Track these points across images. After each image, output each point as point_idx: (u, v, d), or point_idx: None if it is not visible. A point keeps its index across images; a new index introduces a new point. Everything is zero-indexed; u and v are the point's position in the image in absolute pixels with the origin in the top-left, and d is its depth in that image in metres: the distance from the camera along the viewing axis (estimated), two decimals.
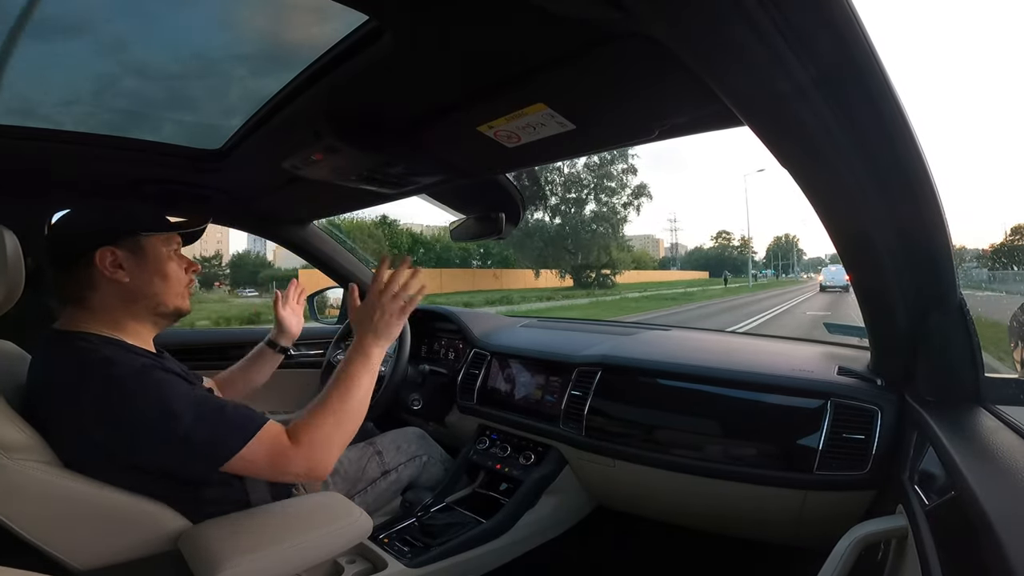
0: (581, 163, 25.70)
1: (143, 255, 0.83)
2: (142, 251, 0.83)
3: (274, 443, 0.76)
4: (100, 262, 0.79)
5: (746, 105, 0.59)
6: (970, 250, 36.61)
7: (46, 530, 0.72)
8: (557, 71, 0.68)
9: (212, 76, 0.92)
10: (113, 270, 0.80)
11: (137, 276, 0.82)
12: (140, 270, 0.82)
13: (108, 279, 0.80)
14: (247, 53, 0.86)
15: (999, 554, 0.42)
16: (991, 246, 42.95)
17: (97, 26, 0.78)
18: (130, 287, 0.81)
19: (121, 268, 0.81)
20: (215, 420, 0.74)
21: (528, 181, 11.37)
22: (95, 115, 1.03)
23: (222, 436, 0.73)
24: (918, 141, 0.59)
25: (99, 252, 0.79)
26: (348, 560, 1.06)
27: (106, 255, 0.80)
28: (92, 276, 0.80)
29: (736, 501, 1.09)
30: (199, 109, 1.06)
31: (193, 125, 1.10)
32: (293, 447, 0.77)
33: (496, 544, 1.22)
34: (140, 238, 0.83)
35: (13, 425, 0.71)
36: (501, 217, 1.36)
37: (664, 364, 1.24)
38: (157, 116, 1.06)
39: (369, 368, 0.87)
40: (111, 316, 0.81)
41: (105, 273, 0.80)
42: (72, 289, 0.81)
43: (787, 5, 0.44)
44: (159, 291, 0.84)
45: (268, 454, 0.75)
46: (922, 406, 0.84)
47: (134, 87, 0.94)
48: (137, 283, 0.82)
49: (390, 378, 1.46)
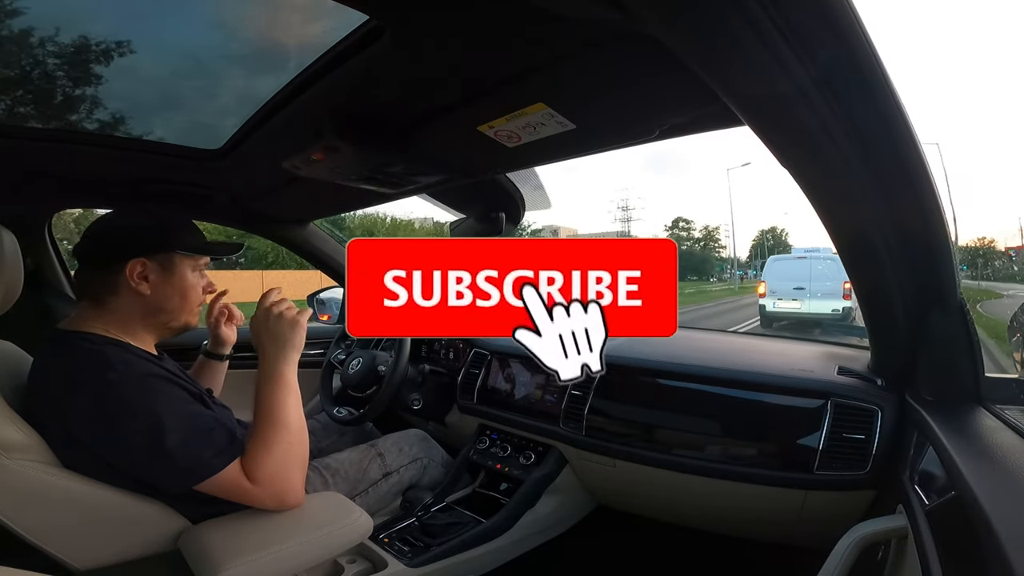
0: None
1: (171, 272, 0.84)
2: (171, 268, 0.84)
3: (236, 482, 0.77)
4: (130, 271, 0.81)
5: (746, 105, 0.59)
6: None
7: (46, 530, 0.72)
8: (557, 71, 0.68)
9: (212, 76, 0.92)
10: (139, 282, 0.81)
11: (159, 291, 0.83)
12: (164, 285, 0.84)
13: (132, 289, 0.81)
14: (247, 53, 0.86)
15: (999, 554, 0.42)
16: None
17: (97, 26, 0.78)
18: (150, 300, 0.83)
19: (146, 280, 0.82)
20: (201, 440, 0.75)
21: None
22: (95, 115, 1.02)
23: (202, 457, 0.75)
24: (918, 141, 0.59)
25: (130, 263, 0.81)
26: (348, 560, 1.06)
27: (136, 266, 0.81)
28: (117, 282, 0.81)
29: (736, 501, 1.09)
30: (199, 109, 1.06)
31: (193, 125, 1.10)
32: (255, 487, 0.78)
33: (496, 544, 1.22)
34: (173, 255, 0.84)
35: (13, 425, 0.71)
36: (501, 217, 1.36)
37: (664, 364, 1.24)
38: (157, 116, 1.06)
39: (287, 387, 0.83)
40: (123, 321, 0.83)
41: (131, 283, 0.81)
42: (94, 287, 0.82)
43: (787, 5, 0.44)
44: (176, 308, 0.86)
45: (240, 481, 0.77)
46: (922, 406, 0.84)
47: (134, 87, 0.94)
48: (158, 297, 0.83)
49: (390, 378, 1.46)
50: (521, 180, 1.29)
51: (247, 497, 0.78)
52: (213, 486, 0.76)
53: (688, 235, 48.92)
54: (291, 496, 0.81)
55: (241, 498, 0.78)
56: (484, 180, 1.19)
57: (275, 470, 0.78)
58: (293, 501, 0.81)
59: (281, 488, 0.79)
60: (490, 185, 1.26)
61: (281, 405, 0.82)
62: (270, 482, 0.78)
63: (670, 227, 48.68)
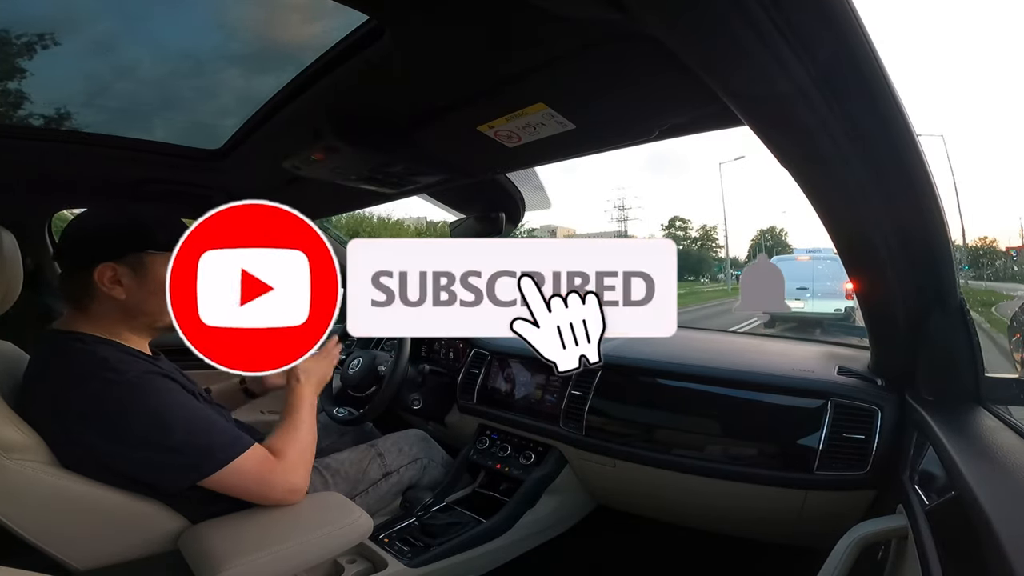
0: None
1: (144, 273, 0.80)
2: (144, 269, 0.80)
3: (262, 461, 0.80)
4: (99, 278, 0.77)
5: (746, 105, 0.59)
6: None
7: (46, 530, 0.72)
8: (557, 71, 0.68)
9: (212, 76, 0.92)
10: (111, 286, 0.78)
11: (134, 294, 0.79)
12: (139, 288, 0.79)
13: (105, 294, 0.78)
14: (247, 53, 0.86)
15: (999, 554, 0.42)
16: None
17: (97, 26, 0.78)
18: (127, 303, 0.80)
19: (120, 284, 0.78)
20: (205, 435, 0.76)
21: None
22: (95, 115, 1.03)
23: (209, 451, 0.75)
24: (918, 141, 0.59)
25: (98, 268, 0.77)
26: (348, 560, 1.06)
27: (105, 271, 0.78)
28: (91, 286, 0.78)
29: (736, 501, 1.09)
30: (199, 109, 1.06)
31: (193, 125, 1.10)
32: (280, 462, 0.81)
33: (496, 544, 1.22)
34: (144, 255, 0.80)
35: (13, 425, 0.71)
36: (501, 217, 1.36)
37: (664, 364, 1.24)
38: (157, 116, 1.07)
39: (312, 408, 0.95)
40: (107, 324, 0.81)
41: (103, 288, 0.78)
42: (72, 292, 0.81)
43: (787, 5, 0.44)
44: (156, 309, 0.81)
45: (256, 472, 0.79)
46: (922, 406, 0.84)
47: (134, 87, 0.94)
48: (134, 300, 0.80)
49: (390, 378, 1.46)
50: (521, 180, 1.29)
51: (252, 492, 0.79)
52: (217, 481, 0.76)
53: (685, 235, 47.74)
54: (301, 485, 0.84)
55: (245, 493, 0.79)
56: (484, 180, 1.19)
57: (297, 458, 0.85)
58: (299, 492, 0.84)
59: (301, 473, 0.84)
60: (490, 185, 1.25)
61: (308, 422, 0.92)
62: (294, 463, 0.83)
63: (666, 226, 47.09)
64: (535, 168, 1.20)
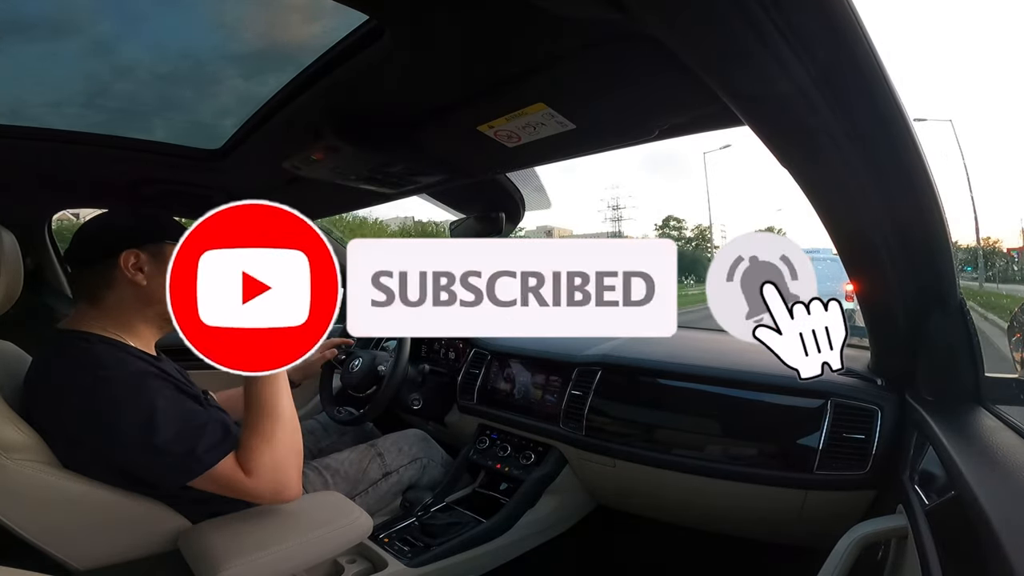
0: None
1: (163, 260, 0.84)
2: (163, 256, 0.84)
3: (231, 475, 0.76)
4: (124, 262, 0.82)
5: (746, 105, 0.59)
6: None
7: (46, 530, 0.72)
8: (557, 71, 0.68)
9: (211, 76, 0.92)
10: (134, 272, 0.83)
11: (154, 280, 0.83)
12: (157, 274, 0.84)
13: (128, 280, 0.82)
14: (247, 53, 0.86)
15: (999, 554, 0.42)
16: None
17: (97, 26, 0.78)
18: (146, 290, 0.83)
19: (141, 271, 0.83)
20: (195, 437, 0.75)
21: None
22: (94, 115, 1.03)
23: (196, 453, 0.74)
24: (919, 141, 0.59)
25: (124, 253, 0.82)
26: (348, 560, 1.06)
27: (130, 256, 0.82)
28: (113, 275, 0.82)
29: (736, 501, 1.09)
30: (199, 109, 1.06)
31: (193, 125, 1.10)
32: (251, 480, 0.76)
33: (496, 544, 1.22)
34: (164, 245, 0.85)
35: (13, 425, 0.71)
36: (501, 217, 1.36)
37: (664, 364, 1.24)
38: (157, 116, 1.06)
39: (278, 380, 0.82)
40: (121, 316, 0.83)
41: (126, 274, 0.82)
42: (90, 286, 0.83)
43: (787, 5, 0.44)
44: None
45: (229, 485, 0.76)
46: (922, 406, 0.84)
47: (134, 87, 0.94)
48: (153, 287, 0.83)
49: (390, 378, 1.46)
50: (521, 180, 1.29)
51: (244, 491, 0.77)
52: (209, 482, 0.75)
53: (680, 235, 45.71)
54: (289, 489, 0.79)
55: (238, 493, 0.77)
56: (484, 180, 1.19)
57: (271, 461, 0.78)
58: (291, 494, 0.80)
59: (279, 479, 0.78)
60: (490, 185, 1.26)
61: (273, 396, 0.81)
62: (267, 473, 0.77)
63: (660, 226, 46.22)
64: (535, 168, 1.20)
